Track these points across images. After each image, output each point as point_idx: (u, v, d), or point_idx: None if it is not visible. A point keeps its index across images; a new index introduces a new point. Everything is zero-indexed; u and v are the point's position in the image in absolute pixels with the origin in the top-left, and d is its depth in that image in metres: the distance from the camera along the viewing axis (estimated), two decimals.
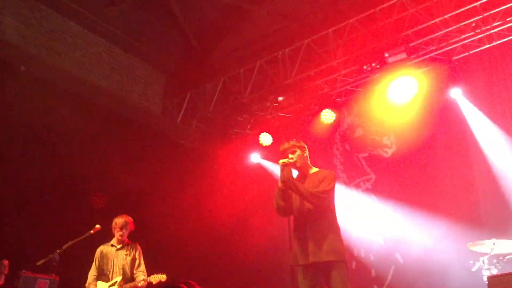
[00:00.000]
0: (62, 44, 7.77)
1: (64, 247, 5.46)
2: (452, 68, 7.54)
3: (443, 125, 7.77)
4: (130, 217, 6.10)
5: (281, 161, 4.41)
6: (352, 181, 8.70)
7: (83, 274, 6.09)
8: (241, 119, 9.30)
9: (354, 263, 8.04)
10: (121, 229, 5.96)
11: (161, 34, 8.81)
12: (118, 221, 6.01)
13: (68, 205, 6.99)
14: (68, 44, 7.85)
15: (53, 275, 5.51)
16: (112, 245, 6.04)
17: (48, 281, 5.68)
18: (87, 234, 5.69)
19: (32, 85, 6.94)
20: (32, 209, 6.63)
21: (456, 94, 7.54)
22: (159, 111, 9.26)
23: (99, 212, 7.12)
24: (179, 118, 9.30)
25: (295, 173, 4.56)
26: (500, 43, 7.24)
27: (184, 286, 2.54)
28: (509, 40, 7.16)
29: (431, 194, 7.66)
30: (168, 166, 8.68)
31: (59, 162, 7.13)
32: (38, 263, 5.29)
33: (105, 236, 6.09)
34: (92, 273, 5.93)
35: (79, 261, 6.16)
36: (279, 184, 4.39)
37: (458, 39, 7.27)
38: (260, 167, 9.36)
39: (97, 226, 5.80)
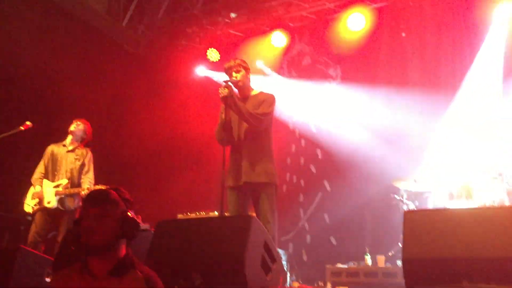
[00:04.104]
0: None
1: None
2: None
3: (387, 60, 7.92)
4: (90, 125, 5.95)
5: (224, 80, 4.36)
6: None
7: (12, 168, 5.92)
8: (190, 31, 9.02)
9: (285, 187, 8.32)
10: (78, 133, 5.82)
11: None
12: (80, 125, 5.84)
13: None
14: None
15: None
16: (63, 145, 5.85)
17: None
18: (16, 130, 5.46)
19: None
20: None
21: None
22: (104, 10, 8.72)
23: (33, 109, 6.82)
24: (125, 22, 8.84)
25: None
26: None
27: (113, 192, 2.55)
28: None
29: None
30: (108, 69, 8.33)
31: None
32: None
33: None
34: (40, 170, 5.75)
35: (7, 156, 5.98)
36: (221, 115, 4.36)
37: None
38: (204, 81, 9.26)
39: (28, 123, 5.57)
